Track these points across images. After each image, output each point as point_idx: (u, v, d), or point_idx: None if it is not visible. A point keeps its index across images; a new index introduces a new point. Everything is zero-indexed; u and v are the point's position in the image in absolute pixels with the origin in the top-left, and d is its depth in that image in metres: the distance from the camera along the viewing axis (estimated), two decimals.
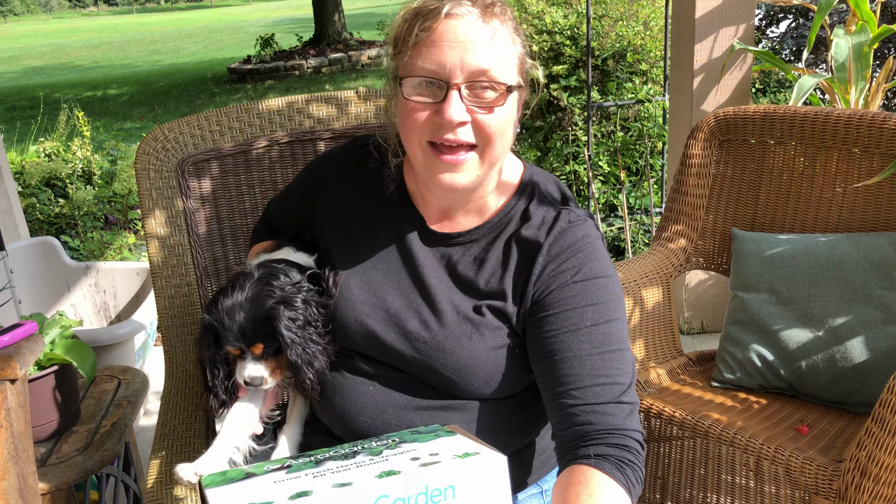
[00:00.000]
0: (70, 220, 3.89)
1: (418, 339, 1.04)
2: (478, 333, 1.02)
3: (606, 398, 0.96)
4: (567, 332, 0.98)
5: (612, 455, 0.93)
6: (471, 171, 0.98)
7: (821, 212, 1.75)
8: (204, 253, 1.50)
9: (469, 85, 0.94)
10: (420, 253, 1.08)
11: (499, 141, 0.97)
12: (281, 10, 30.94)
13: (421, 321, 1.05)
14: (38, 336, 1.31)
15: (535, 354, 1.01)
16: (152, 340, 2.58)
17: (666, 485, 1.71)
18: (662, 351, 1.85)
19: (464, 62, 0.92)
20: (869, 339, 1.56)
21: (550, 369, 0.99)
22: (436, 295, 1.05)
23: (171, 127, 1.47)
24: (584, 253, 1.02)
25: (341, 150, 1.21)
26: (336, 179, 1.17)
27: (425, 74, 0.94)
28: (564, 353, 0.98)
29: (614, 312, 1.01)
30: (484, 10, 0.94)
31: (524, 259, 1.03)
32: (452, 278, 1.07)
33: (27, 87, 12.98)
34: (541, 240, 1.03)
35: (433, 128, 0.96)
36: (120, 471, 1.71)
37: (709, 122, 1.87)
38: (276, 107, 1.52)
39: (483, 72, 0.93)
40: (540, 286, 1.01)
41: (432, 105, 0.95)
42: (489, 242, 1.07)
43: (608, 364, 0.98)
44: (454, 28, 0.93)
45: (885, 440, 1.22)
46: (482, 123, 0.95)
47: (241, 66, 11.61)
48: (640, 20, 3.69)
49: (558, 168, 3.66)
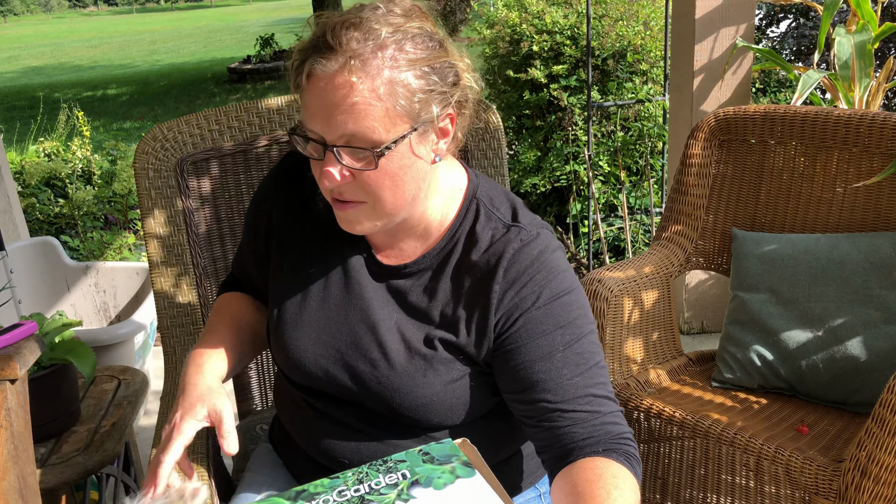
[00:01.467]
0: (70, 220, 3.89)
1: (370, 379, 1.00)
2: (432, 369, 0.98)
3: (595, 415, 0.95)
4: (542, 360, 0.95)
5: (618, 450, 0.93)
6: (367, 222, 0.94)
7: (821, 212, 1.75)
8: (203, 252, 1.50)
9: (342, 147, 0.88)
10: (368, 287, 1.03)
11: (388, 194, 0.91)
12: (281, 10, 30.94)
13: (370, 362, 1.00)
14: (38, 336, 1.31)
15: (510, 386, 0.97)
16: (152, 340, 2.58)
17: (666, 485, 1.71)
18: (662, 351, 1.85)
19: (330, 127, 0.87)
20: (869, 339, 1.56)
21: (531, 399, 0.95)
22: (385, 332, 1.01)
23: (170, 126, 1.46)
24: (542, 273, 0.97)
25: (276, 167, 1.13)
26: (277, 201, 1.11)
27: (310, 133, 0.90)
28: (545, 383, 0.94)
29: (584, 327, 0.97)
30: (343, 66, 0.85)
31: (477, 288, 0.98)
32: (404, 309, 1.02)
33: (27, 87, 12.98)
34: (493, 265, 0.97)
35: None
36: (120, 471, 1.71)
37: (709, 121, 1.87)
38: (275, 106, 1.51)
39: (352, 133, 0.87)
40: (501, 316, 0.96)
41: (318, 162, 0.91)
42: (437, 272, 1.01)
43: (590, 382, 0.96)
44: (319, 90, 0.86)
45: (885, 440, 1.22)
46: (365, 181, 0.90)
47: (240, 66, 11.61)
48: (640, 20, 3.68)
49: (558, 168, 3.66)
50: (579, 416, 0.94)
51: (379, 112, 0.86)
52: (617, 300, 1.69)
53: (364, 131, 0.86)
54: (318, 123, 0.88)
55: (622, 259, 3.29)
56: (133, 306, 2.76)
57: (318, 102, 0.87)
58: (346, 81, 0.85)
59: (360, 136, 0.86)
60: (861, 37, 2.15)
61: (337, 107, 0.86)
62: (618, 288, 1.69)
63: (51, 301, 2.78)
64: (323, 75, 0.85)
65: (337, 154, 0.88)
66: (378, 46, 0.86)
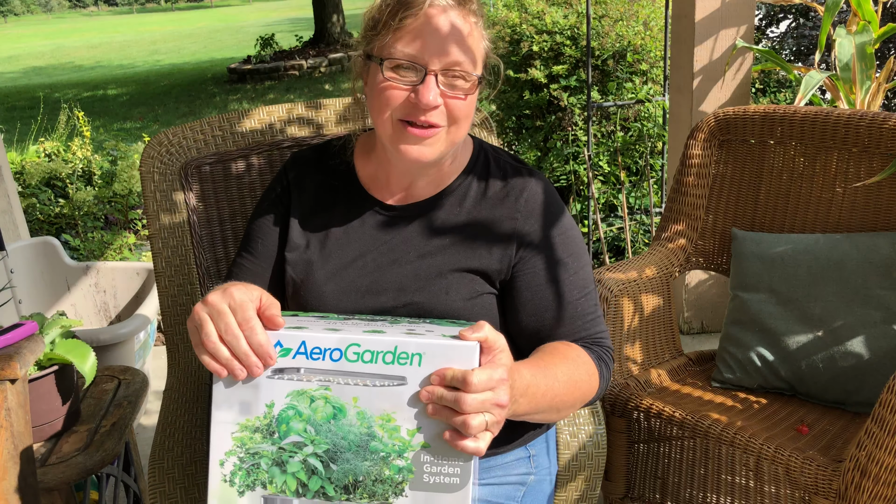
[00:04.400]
0: (70, 220, 3.89)
1: (399, 306, 1.10)
2: (453, 288, 1.09)
3: (589, 331, 1.12)
4: (553, 282, 1.11)
5: (592, 349, 1.11)
6: (436, 146, 1.05)
7: (821, 212, 1.75)
8: (206, 254, 1.52)
9: (444, 73, 1.01)
10: (385, 230, 1.14)
11: (464, 123, 1.06)
12: (281, 10, 30.95)
13: (395, 292, 1.10)
14: (38, 336, 1.31)
15: (520, 301, 1.11)
16: (152, 340, 2.59)
17: (666, 485, 1.71)
18: (662, 351, 1.85)
19: (442, 52, 1.00)
20: (869, 339, 1.56)
21: (537, 312, 1.11)
22: (407, 265, 1.11)
23: (175, 132, 1.51)
24: (554, 208, 1.14)
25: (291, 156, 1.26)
26: (292, 173, 1.22)
27: (406, 58, 1.00)
28: (554, 300, 1.11)
29: (585, 257, 1.15)
30: (462, 6, 1.02)
31: (498, 217, 1.11)
32: (424, 242, 1.12)
33: (27, 87, 12.98)
34: (513, 198, 1.12)
35: (407, 107, 1.02)
36: (120, 471, 1.71)
37: (709, 122, 1.87)
38: (277, 112, 1.56)
39: (458, 63, 1.01)
40: (522, 241, 1.11)
41: (409, 86, 1.01)
42: (453, 206, 1.13)
43: (588, 303, 1.13)
44: (435, 19, 1.00)
45: (885, 440, 1.22)
46: (453, 107, 1.03)
47: (241, 66, 11.61)
48: (640, 20, 3.68)
49: (558, 168, 3.66)
50: (575, 330, 1.12)
51: (481, 49, 1.05)
52: (617, 300, 1.69)
53: (472, 61, 1.03)
54: (433, 46, 1.00)
55: (622, 259, 3.29)
56: (133, 306, 2.77)
57: (436, 29, 1.00)
58: (468, 18, 1.02)
59: (466, 64, 1.02)
60: (862, 38, 2.15)
61: (455, 35, 1.01)
62: (618, 288, 1.70)
63: (51, 301, 2.78)
64: (446, 7, 1.00)
65: (440, 78, 1.01)
66: (479, 2, 1.06)
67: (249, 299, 0.86)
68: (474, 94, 1.05)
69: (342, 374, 0.86)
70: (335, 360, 0.86)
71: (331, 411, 0.86)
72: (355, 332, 0.88)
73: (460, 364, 0.84)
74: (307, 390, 0.86)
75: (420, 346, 0.85)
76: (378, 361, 0.85)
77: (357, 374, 0.85)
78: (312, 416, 0.86)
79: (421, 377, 0.85)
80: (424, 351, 0.85)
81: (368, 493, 0.86)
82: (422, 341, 0.85)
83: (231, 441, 0.88)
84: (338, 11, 12.57)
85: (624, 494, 1.74)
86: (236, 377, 0.86)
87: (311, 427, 0.86)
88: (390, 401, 0.85)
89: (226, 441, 0.88)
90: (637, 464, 1.74)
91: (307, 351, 0.86)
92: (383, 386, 0.85)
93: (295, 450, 0.87)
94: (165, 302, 1.49)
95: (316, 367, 0.86)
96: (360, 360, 0.85)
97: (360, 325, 0.94)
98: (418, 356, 0.85)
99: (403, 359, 0.85)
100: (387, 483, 0.86)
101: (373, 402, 0.85)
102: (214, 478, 0.88)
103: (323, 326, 0.91)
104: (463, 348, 0.85)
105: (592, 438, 1.36)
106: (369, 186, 1.17)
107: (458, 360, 0.85)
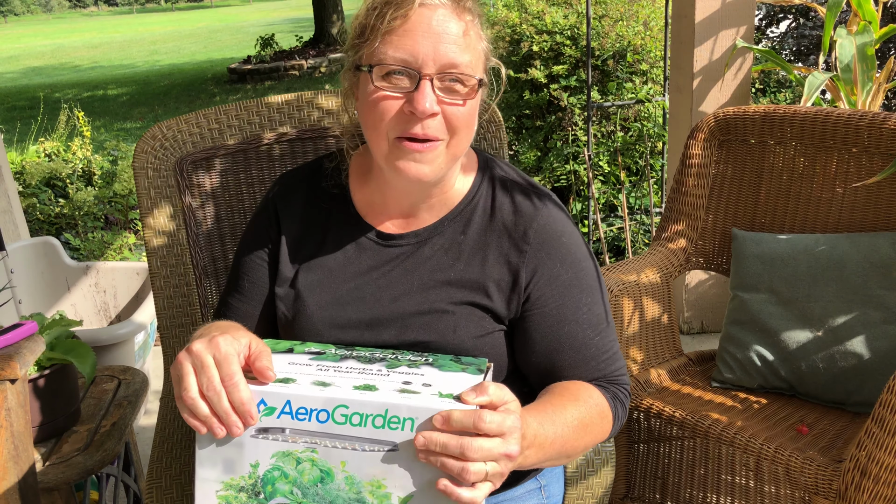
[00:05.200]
0: (70, 220, 3.89)
1: (403, 343, 1.02)
2: (461, 326, 1.00)
3: (604, 371, 1.04)
4: (568, 323, 1.02)
5: (607, 388, 1.04)
6: (436, 163, 0.95)
7: (821, 212, 1.75)
8: (203, 252, 1.49)
9: (440, 77, 0.92)
10: (385, 260, 1.05)
11: (465, 134, 0.96)
12: (281, 10, 30.94)
13: (399, 329, 1.02)
14: (38, 336, 1.31)
15: (530, 342, 1.03)
16: (152, 340, 2.59)
17: (666, 485, 1.71)
18: (662, 351, 1.85)
19: (437, 54, 0.91)
20: (869, 339, 1.56)
21: (548, 353, 1.02)
22: (409, 300, 1.03)
23: (169, 125, 1.45)
24: (567, 238, 1.04)
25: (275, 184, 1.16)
26: (280, 203, 1.12)
27: (397, 63, 0.91)
28: (569, 342, 1.02)
29: (600, 291, 1.06)
30: (456, 3, 0.93)
31: (506, 249, 1.02)
32: (426, 274, 1.03)
33: (27, 87, 12.98)
34: (523, 229, 1.02)
35: (403, 121, 0.93)
36: (120, 471, 1.71)
37: (709, 122, 1.87)
38: (275, 104, 1.50)
39: (454, 65, 0.91)
40: (532, 276, 1.01)
41: (402, 95, 0.92)
42: (457, 235, 1.04)
43: (604, 341, 1.05)
44: (428, 18, 0.91)
45: (885, 440, 1.22)
46: (451, 115, 0.93)
47: (241, 66, 11.61)
48: (640, 20, 3.68)
49: (558, 168, 3.66)
50: (591, 371, 1.03)
51: (480, 51, 0.96)
52: (617, 300, 1.69)
53: (470, 62, 0.93)
54: (427, 47, 0.90)
55: (622, 259, 3.29)
56: (133, 306, 2.77)
57: (429, 29, 0.91)
58: (463, 16, 0.93)
59: (463, 67, 0.92)
60: (863, 38, 2.15)
61: (451, 35, 0.91)
62: (618, 288, 1.70)
63: (51, 301, 2.78)
64: (440, 5, 0.91)
65: (436, 83, 0.92)
66: (475, 1, 0.96)
67: (235, 351, 0.81)
68: (474, 99, 0.95)
69: (329, 437, 0.81)
70: (322, 422, 0.81)
71: (318, 474, 0.82)
72: (345, 387, 0.82)
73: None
74: (293, 451, 0.82)
75: (412, 410, 0.79)
76: (367, 425, 0.80)
77: (345, 438, 0.81)
78: (299, 479, 0.83)
79: (413, 444, 0.79)
80: (417, 416, 0.79)
81: None
82: (414, 405, 0.79)
83: (216, 499, 0.84)
84: (337, 11, 12.58)
85: (624, 494, 1.74)
86: (215, 435, 0.80)
87: (298, 490, 0.83)
88: (380, 466, 0.80)
89: (210, 499, 0.84)
90: (637, 464, 1.74)
91: (292, 411, 0.81)
92: (373, 451, 0.80)
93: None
94: (161, 303, 1.45)
95: (302, 429, 0.81)
96: (348, 423, 0.80)
97: (355, 370, 0.88)
98: (410, 421, 0.79)
99: (394, 423, 0.79)
100: None
101: (362, 468, 0.81)
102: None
103: (313, 377, 0.85)
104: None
105: (601, 455, 1.34)
106: (365, 213, 1.07)
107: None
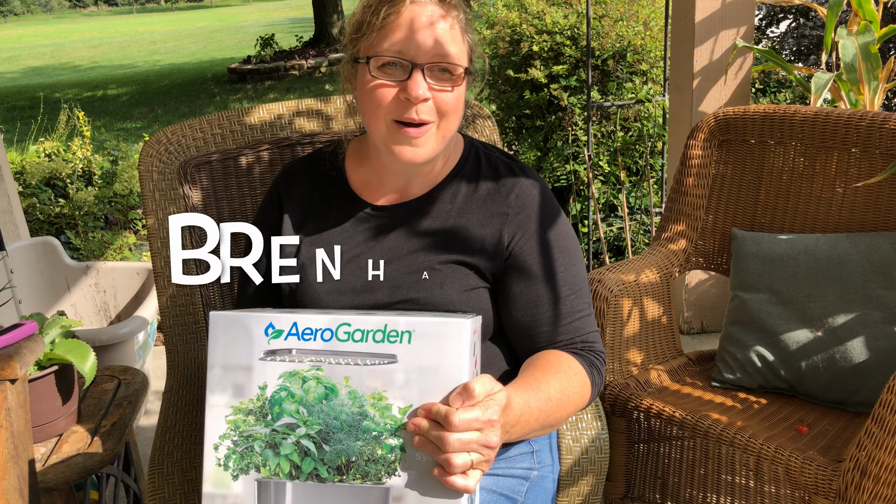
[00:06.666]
0: (70, 220, 3.89)
1: (394, 299, 1.11)
2: (448, 281, 1.10)
3: (580, 331, 1.14)
4: (546, 279, 1.12)
5: (583, 356, 1.12)
6: (429, 145, 1.06)
7: (821, 212, 1.75)
8: None
9: (430, 66, 1.03)
10: (379, 230, 1.15)
11: (453, 117, 1.07)
12: (281, 10, 30.94)
13: (392, 288, 1.11)
14: (38, 336, 1.31)
15: (511, 295, 1.13)
16: (152, 340, 2.58)
17: (666, 485, 1.71)
18: (662, 351, 1.85)
19: (427, 46, 1.02)
20: (869, 339, 1.56)
21: (528, 306, 1.12)
22: (400, 261, 1.12)
23: (174, 130, 1.50)
24: (545, 203, 1.14)
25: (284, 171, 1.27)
26: (282, 187, 1.23)
27: (392, 55, 1.02)
28: (544, 294, 1.12)
29: (577, 254, 1.16)
30: (443, 2, 1.05)
31: (491, 213, 1.13)
32: (417, 239, 1.13)
33: (27, 87, 12.98)
34: (505, 194, 1.13)
35: (398, 105, 1.04)
36: (120, 471, 1.71)
37: (709, 122, 1.87)
38: (277, 110, 1.55)
39: (443, 56, 1.03)
40: (511, 235, 1.12)
41: (398, 83, 1.03)
42: (447, 201, 1.15)
43: (579, 301, 1.15)
44: (419, 14, 1.02)
45: (885, 440, 1.22)
46: (441, 100, 1.04)
47: (241, 66, 11.61)
48: (640, 20, 3.68)
49: (558, 168, 3.66)
50: (567, 329, 1.13)
51: (465, 43, 1.07)
52: (617, 300, 1.69)
53: (455, 54, 1.04)
54: (419, 39, 1.02)
55: (622, 259, 3.28)
56: (133, 306, 2.77)
57: (420, 23, 1.02)
58: (450, 12, 1.04)
59: (451, 57, 1.04)
60: (864, 38, 2.15)
61: (439, 28, 1.03)
62: (618, 288, 1.70)
63: (51, 301, 2.78)
64: (428, 2, 1.03)
65: (426, 72, 1.03)
66: (459, 0, 1.07)
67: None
68: (461, 86, 1.07)
69: (333, 354, 0.87)
70: (326, 340, 0.87)
71: (322, 391, 0.87)
72: (347, 312, 0.89)
73: (450, 340, 0.85)
74: (299, 371, 0.87)
75: (409, 323, 0.86)
76: (368, 340, 0.86)
77: (348, 354, 0.86)
78: (304, 397, 0.87)
79: (411, 354, 0.85)
80: (414, 328, 0.85)
81: (361, 474, 0.86)
82: (411, 319, 0.86)
83: (225, 424, 0.88)
84: (337, 11, 12.57)
85: (624, 494, 1.75)
86: None
87: (304, 408, 0.87)
88: (381, 379, 0.85)
89: (220, 424, 0.88)
90: (637, 464, 1.74)
91: (298, 332, 0.88)
92: (374, 364, 0.86)
93: (288, 432, 0.87)
94: (164, 302, 1.49)
95: (307, 348, 0.87)
96: (350, 340, 0.86)
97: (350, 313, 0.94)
98: (408, 333, 0.85)
99: (393, 337, 0.86)
100: (379, 463, 0.86)
101: (364, 381, 0.86)
102: (209, 462, 0.89)
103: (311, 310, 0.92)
104: (453, 325, 0.85)
105: (595, 443, 1.35)
106: (361, 191, 1.18)
107: (448, 338, 0.85)
